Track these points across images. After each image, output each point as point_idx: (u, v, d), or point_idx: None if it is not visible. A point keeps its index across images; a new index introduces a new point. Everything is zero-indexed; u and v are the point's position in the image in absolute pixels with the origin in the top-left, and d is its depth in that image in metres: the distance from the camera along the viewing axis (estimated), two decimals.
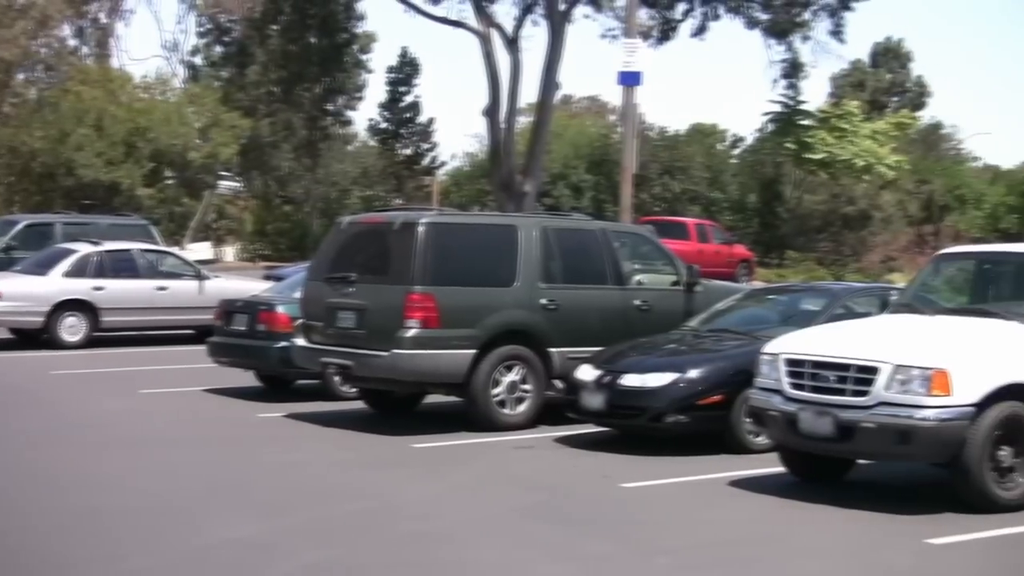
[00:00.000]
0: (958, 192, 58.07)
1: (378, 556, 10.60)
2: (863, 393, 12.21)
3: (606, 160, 56.02)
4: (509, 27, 42.65)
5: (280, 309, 19.57)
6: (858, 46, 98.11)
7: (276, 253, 59.11)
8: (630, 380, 15.35)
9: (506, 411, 16.81)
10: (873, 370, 12.19)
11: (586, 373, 15.85)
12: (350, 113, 66.08)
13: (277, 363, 19.27)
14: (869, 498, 12.80)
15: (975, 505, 12.10)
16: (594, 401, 15.57)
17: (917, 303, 14.35)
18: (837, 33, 50.61)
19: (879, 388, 12.11)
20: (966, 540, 11.17)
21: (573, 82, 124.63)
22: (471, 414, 16.84)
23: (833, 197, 57.91)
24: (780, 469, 13.74)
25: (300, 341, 17.88)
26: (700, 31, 50.25)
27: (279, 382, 20.19)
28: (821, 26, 50.39)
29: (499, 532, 11.44)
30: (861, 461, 13.80)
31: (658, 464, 14.53)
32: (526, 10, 43.79)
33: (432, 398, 18.40)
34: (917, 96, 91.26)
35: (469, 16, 43.10)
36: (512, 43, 41.95)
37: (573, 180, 57.57)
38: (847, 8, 50.04)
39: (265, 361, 19.66)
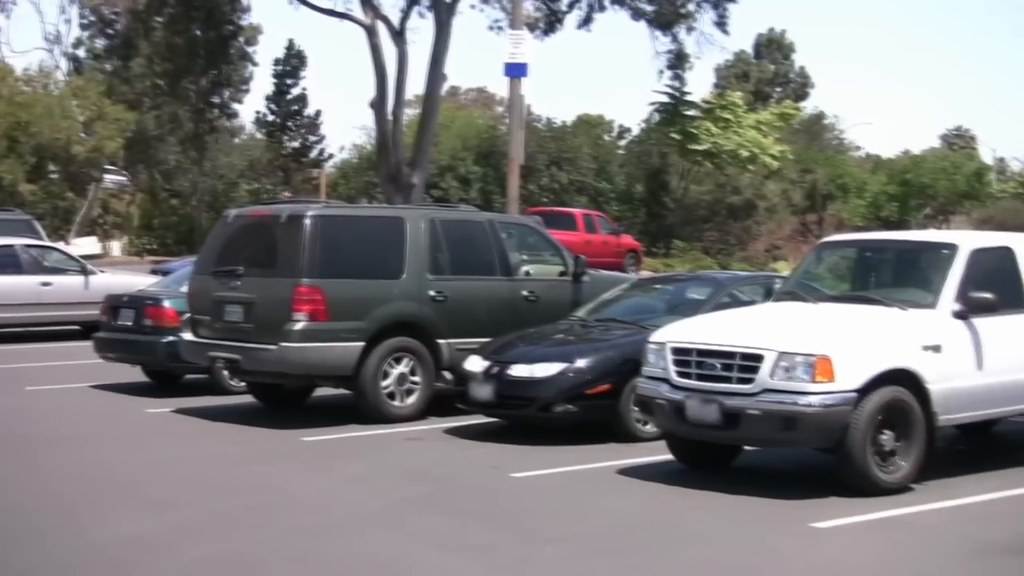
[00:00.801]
0: (841, 181, 58.78)
1: (266, 550, 10.56)
2: (748, 380, 12.36)
3: (494, 151, 56.10)
4: (395, 19, 42.59)
5: (167, 304, 19.41)
6: (742, 37, 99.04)
7: (163, 247, 58.53)
8: (518, 370, 15.41)
9: (395, 403, 16.82)
10: (758, 357, 12.35)
11: (475, 364, 15.89)
12: (236, 106, 65.72)
13: (164, 358, 19.12)
14: (755, 484, 12.95)
15: (858, 488, 12.30)
16: (483, 392, 15.61)
17: (800, 291, 14.56)
18: (721, 24, 51.06)
19: (764, 375, 12.27)
20: (850, 523, 11.35)
21: (460, 74, 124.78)
22: (361, 406, 16.82)
23: (718, 187, 58.46)
24: (668, 457, 13.86)
25: (187, 336, 17.78)
26: (586, 22, 50.46)
27: (167, 377, 20.02)
28: (705, 17, 50.81)
29: (389, 524, 11.44)
30: (747, 447, 13.96)
31: (547, 454, 14.60)
32: (412, 2, 43.72)
33: (322, 391, 18.35)
34: (800, 87, 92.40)
35: (356, 8, 42.98)
36: (399, 35, 41.87)
37: (461, 172, 57.60)
38: (731, 0, 50.49)
39: (152, 356, 19.48)
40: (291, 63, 69.44)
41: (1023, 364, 13.62)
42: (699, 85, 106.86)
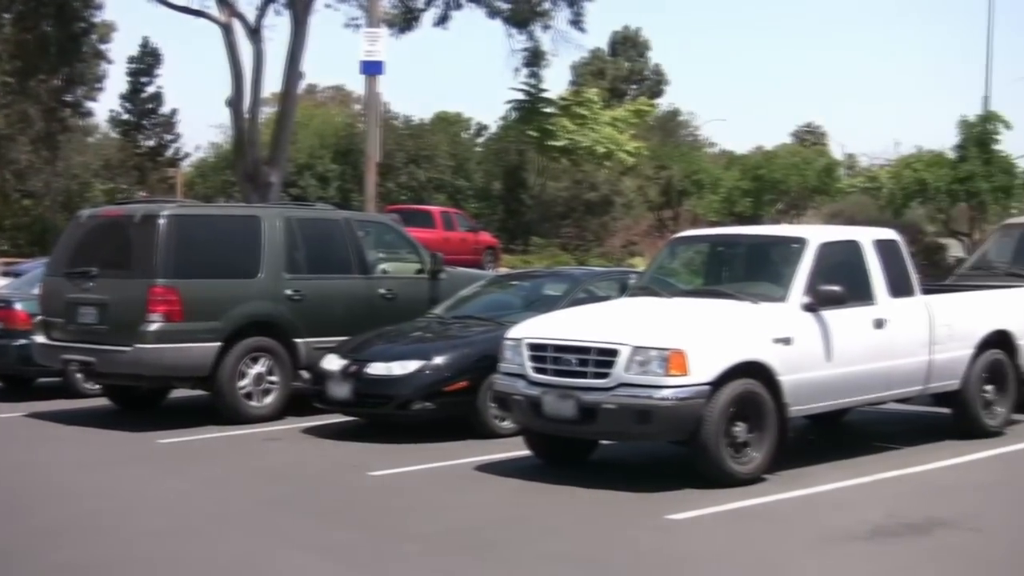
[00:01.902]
0: (695, 177, 59.31)
1: (119, 555, 10.44)
2: (604, 375, 12.49)
3: (352, 149, 55.82)
4: (252, 16, 42.07)
5: (18, 306, 19.15)
6: (598, 35, 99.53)
7: (15, 249, 57.40)
8: (376, 369, 15.43)
9: (253, 403, 16.76)
10: (613, 352, 12.48)
11: (332, 363, 15.88)
12: (90, 104, 64.57)
13: (16, 361, 18.85)
14: (612, 478, 13.10)
15: (713, 480, 12.49)
16: (341, 391, 15.61)
17: (654, 286, 14.76)
18: (577, 22, 51.22)
19: (619, 370, 12.41)
20: (705, 514, 11.51)
21: (318, 71, 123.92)
22: (218, 407, 16.73)
23: (576, 183, 58.75)
24: (526, 452, 13.97)
25: (40, 338, 17.54)
26: (443, 20, 50.35)
27: (19, 381, 19.73)
28: (561, 15, 50.92)
29: (246, 525, 11.39)
30: (604, 442, 14.11)
31: (406, 451, 14.63)
32: None
33: (178, 392, 18.21)
34: (655, 84, 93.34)
35: (211, 5, 42.51)
36: (255, 33, 41.44)
37: (319, 170, 57.24)
38: None
39: (3, 359, 19.18)
40: (146, 61, 68.42)
41: (871, 355, 13.96)
42: (556, 82, 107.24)
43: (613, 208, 58.97)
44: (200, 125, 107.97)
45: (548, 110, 55.53)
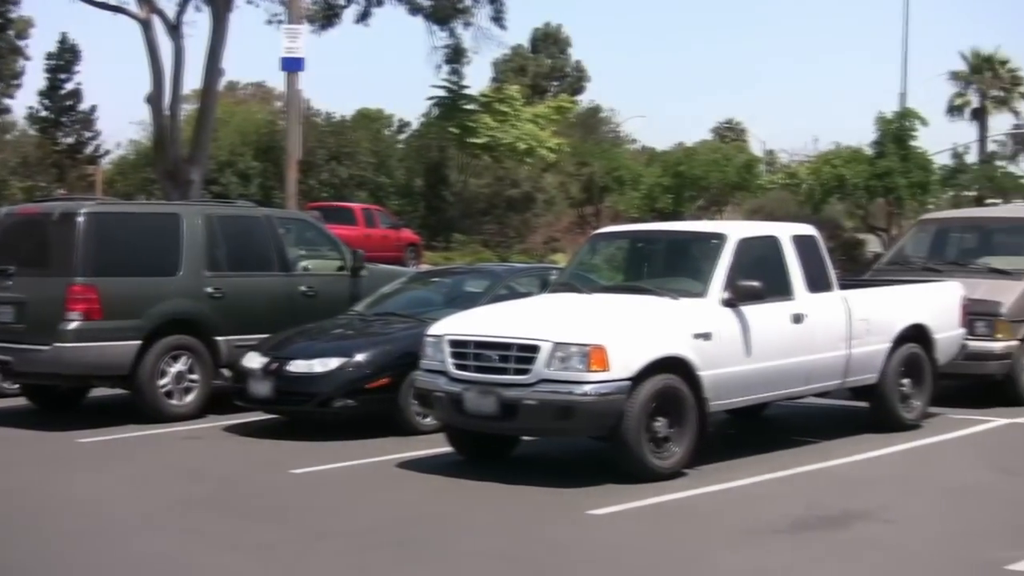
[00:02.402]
0: (617, 174, 59.41)
1: (37, 556, 10.37)
2: (525, 371, 12.53)
3: (273, 147, 55.49)
4: (172, 13, 41.80)
5: None
6: (519, 32, 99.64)
7: None
8: (297, 366, 15.40)
9: (174, 402, 16.68)
10: (534, 348, 12.52)
11: (253, 360, 15.82)
12: (7, 101, 63.91)
13: None
14: (534, 474, 13.13)
15: (634, 475, 12.56)
16: (262, 388, 15.56)
17: (575, 282, 14.82)
18: (498, 19, 51.29)
19: (540, 366, 12.45)
20: (626, 509, 11.59)
21: (239, 68, 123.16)
22: (138, 406, 16.63)
23: (497, 180, 58.79)
24: (447, 449, 13.98)
25: None
26: (364, 17, 50.23)
27: None
28: (482, 12, 50.99)
29: (166, 524, 11.33)
30: (526, 438, 14.15)
31: (328, 449, 14.61)
32: None
33: (98, 391, 18.07)
34: (576, 80, 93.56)
35: (130, 1, 42.16)
36: (175, 29, 41.13)
37: (241, 167, 56.88)
38: None
39: None
40: (65, 57, 67.75)
41: (789, 350, 14.09)
42: (477, 79, 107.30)
43: (535, 205, 59.07)
44: (120, 122, 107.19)
45: (470, 107, 55.48)
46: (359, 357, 15.37)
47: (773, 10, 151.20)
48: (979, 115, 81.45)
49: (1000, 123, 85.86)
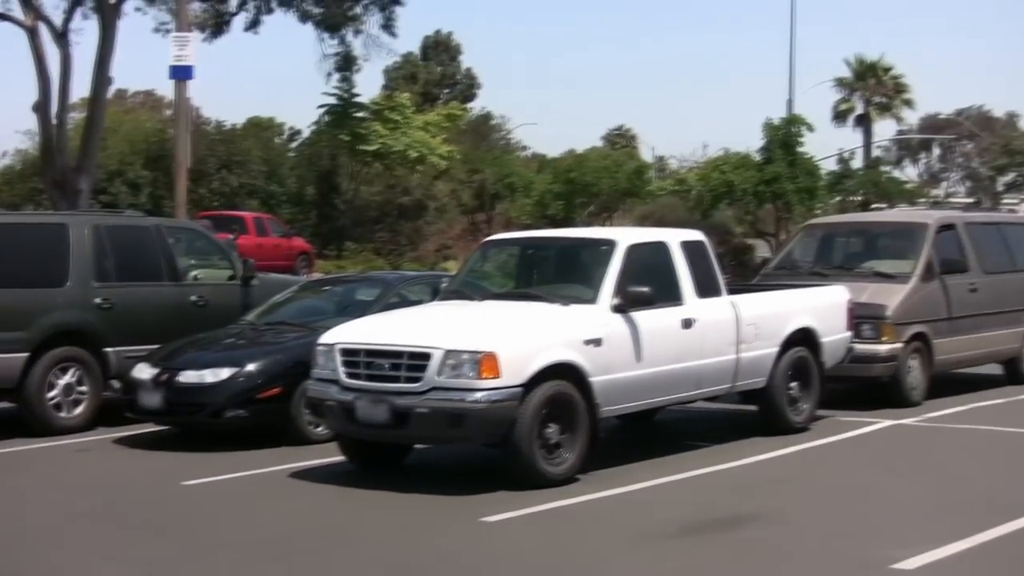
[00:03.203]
0: (508, 181, 59.58)
1: None
2: (416, 379, 12.53)
3: (163, 155, 54.91)
4: (58, 20, 41.34)
5: None
6: (410, 40, 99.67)
7: None
8: (187, 377, 15.28)
9: (62, 414, 16.48)
10: (425, 356, 12.53)
11: (143, 372, 15.68)
12: None
13: None
14: (427, 481, 13.14)
15: (526, 481, 12.61)
16: (152, 400, 15.43)
17: (466, 289, 14.86)
18: (388, 27, 51.29)
19: (431, 373, 12.46)
20: (518, 515, 11.62)
21: (128, 76, 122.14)
22: (26, 419, 16.42)
23: (389, 188, 58.68)
24: (340, 458, 13.95)
25: None
26: (254, 24, 50.00)
27: None
28: (373, 20, 50.97)
29: (56, 539, 11.19)
30: (418, 446, 14.15)
31: (219, 460, 14.51)
32: (75, 3, 42.55)
33: None
34: (467, 88, 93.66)
35: (15, 8, 41.62)
36: (62, 36, 40.66)
37: (130, 176, 56.27)
38: (397, 3, 50.77)
39: None
40: None
41: (679, 355, 14.21)
42: (369, 87, 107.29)
43: (426, 212, 59.03)
44: (6, 131, 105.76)
45: (360, 115, 55.29)
46: (250, 367, 15.29)
47: (663, 17, 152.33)
48: (864, 121, 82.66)
49: (884, 129, 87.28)
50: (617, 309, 13.56)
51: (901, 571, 9.77)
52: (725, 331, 14.92)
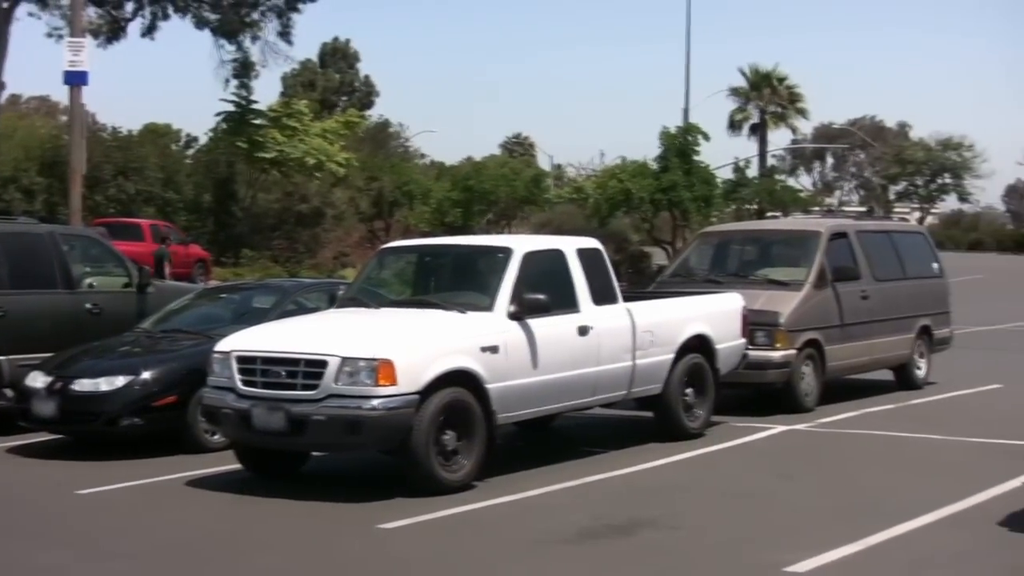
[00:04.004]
0: (406, 188, 59.56)
1: None
2: (313, 387, 12.53)
3: (58, 162, 54.28)
4: None
5: None
6: (308, 46, 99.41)
7: None
8: (82, 385, 15.14)
9: None
10: (322, 363, 12.53)
11: (37, 380, 15.51)
12: None
13: None
14: (324, 489, 13.13)
15: (423, 488, 12.65)
16: (46, 408, 15.27)
17: (363, 296, 14.88)
18: (285, 34, 51.33)
19: (328, 381, 12.47)
20: (415, 522, 11.66)
21: (22, 81, 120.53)
22: None
23: (286, 195, 58.47)
24: (237, 466, 13.91)
25: None
26: (150, 31, 49.81)
27: None
28: (270, 27, 50.92)
29: None
30: (316, 453, 14.14)
31: (115, 468, 14.39)
32: None
33: None
34: (365, 95, 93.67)
35: None
36: None
37: (24, 183, 55.62)
38: (294, 10, 50.74)
39: None
40: None
41: (576, 362, 14.32)
42: (267, 94, 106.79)
43: (324, 220, 58.86)
44: None
45: (258, 122, 55.07)
46: (146, 375, 15.19)
47: (561, 26, 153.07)
48: (759, 130, 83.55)
49: (779, 138, 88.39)
50: (513, 316, 13.64)
51: (792, 574, 9.92)
52: (621, 338, 15.04)
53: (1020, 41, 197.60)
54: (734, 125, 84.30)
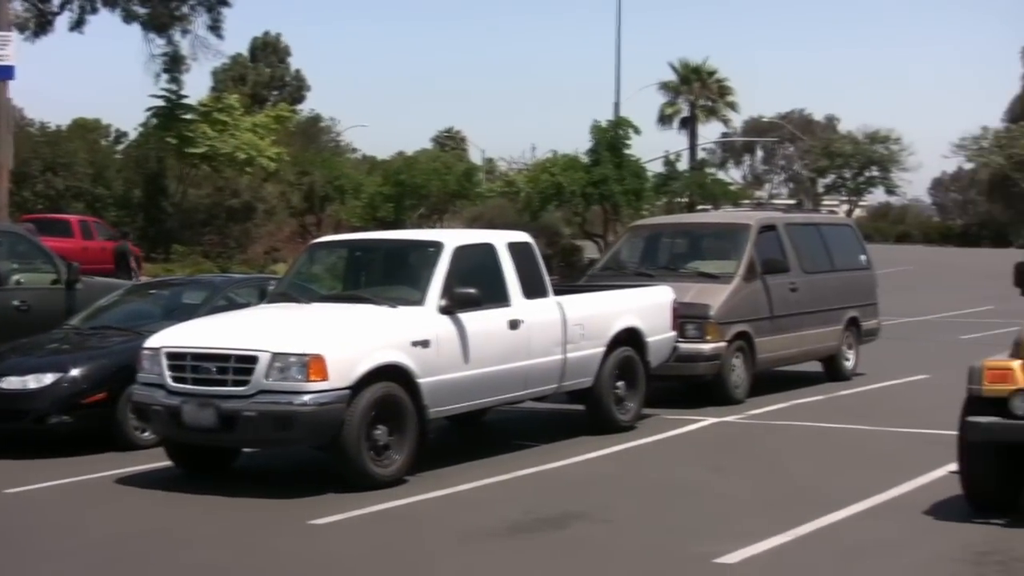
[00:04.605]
0: (338, 183, 59.40)
1: None
2: (243, 383, 12.49)
3: None
4: None
5: None
6: (238, 41, 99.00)
7: None
8: (10, 383, 14.99)
9: None
10: (252, 359, 12.50)
11: None
12: None
13: None
14: (256, 485, 13.11)
15: (355, 483, 12.64)
16: None
17: (293, 292, 14.85)
18: (215, 28, 51.12)
19: (259, 377, 12.43)
20: (347, 518, 11.66)
21: None
22: None
23: (217, 190, 58.11)
24: (167, 463, 13.84)
25: None
26: (78, 24, 49.44)
27: None
28: (200, 20, 50.67)
29: None
30: (247, 449, 14.09)
31: (44, 467, 14.26)
32: None
33: None
34: (296, 90, 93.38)
35: None
36: None
37: None
38: (224, 4, 50.52)
39: None
40: None
41: (507, 355, 14.35)
42: (198, 88, 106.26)
43: (255, 215, 58.56)
44: None
45: (188, 116, 54.69)
46: (75, 372, 15.08)
47: (492, 20, 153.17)
48: (689, 124, 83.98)
49: (709, 132, 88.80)
50: (444, 311, 13.65)
51: (723, 565, 10.01)
52: (552, 331, 15.08)
53: (945, 35, 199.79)
54: (664, 119, 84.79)
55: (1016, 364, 10.99)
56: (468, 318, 13.80)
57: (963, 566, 9.96)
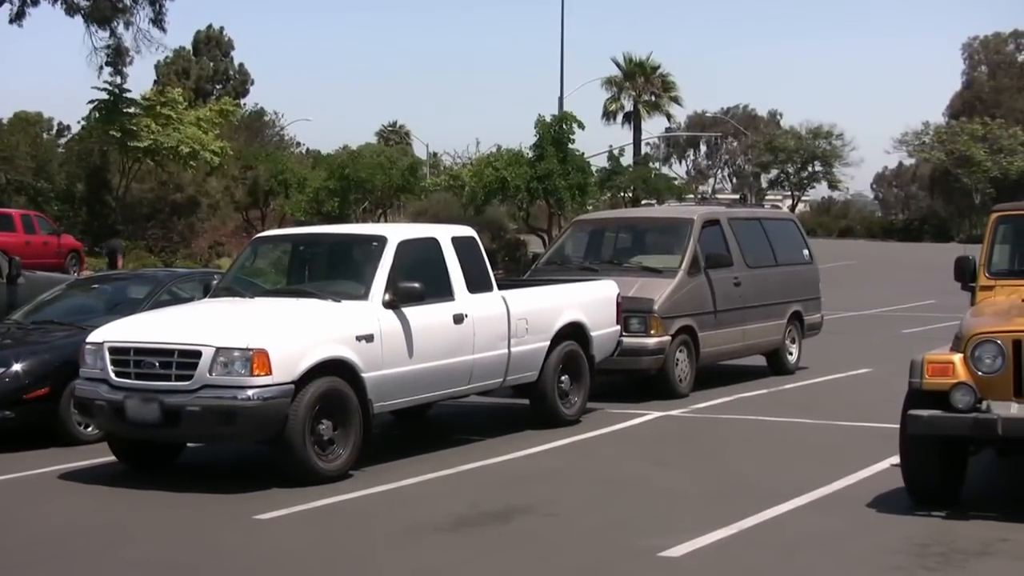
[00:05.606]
0: (282, 177, 59.08)
1: None
2: (187, 377, 12.46)
3: None
4: None
5: None
6: (181, 34, 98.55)
7: None
8: None
9: None
10: (196, 354, 12.46)
11: None
12: None
13: None
14: (200, 480, 13.07)
15: (299, 478, 12.63)
16: None
17: (237, 286, 14.80)
18: (158, 21, 50.72)
19: (203, 371, 12.40)
20: (291, 513, 11.65)
21: None
22: None
23: (161, 185, 57.84)
24: (111, 458, 13.79)
25: None
26: (19, 16, 48.97)
27: None
28: (143, 13, 50.32)
29: None
30: (191, 444, 14.05)
31: None
32: None
33: None
34: (240, 84, 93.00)
35: None
36: None
37: None
38: None
39: None
40: None
41: (451, 350, 14.37)
42: (141, 82, 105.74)
43: (199, 209, 58.33)
44: None
45: (131, 110, 54.34)
46: (17, 367, 14.98)
47: (434, 14, 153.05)
48: (633, 119, 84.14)
49: (653, 127, 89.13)
50: (388, 305, 13.65)
51: (667, 559, 10.06)
52: (496, 326, 15.10)
53: (888, 32, 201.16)
54: (608, 114, 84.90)
55: (956, 358, 11.11)
56: (412, 312, 13.81)
57: (905, 558, 10.04)
